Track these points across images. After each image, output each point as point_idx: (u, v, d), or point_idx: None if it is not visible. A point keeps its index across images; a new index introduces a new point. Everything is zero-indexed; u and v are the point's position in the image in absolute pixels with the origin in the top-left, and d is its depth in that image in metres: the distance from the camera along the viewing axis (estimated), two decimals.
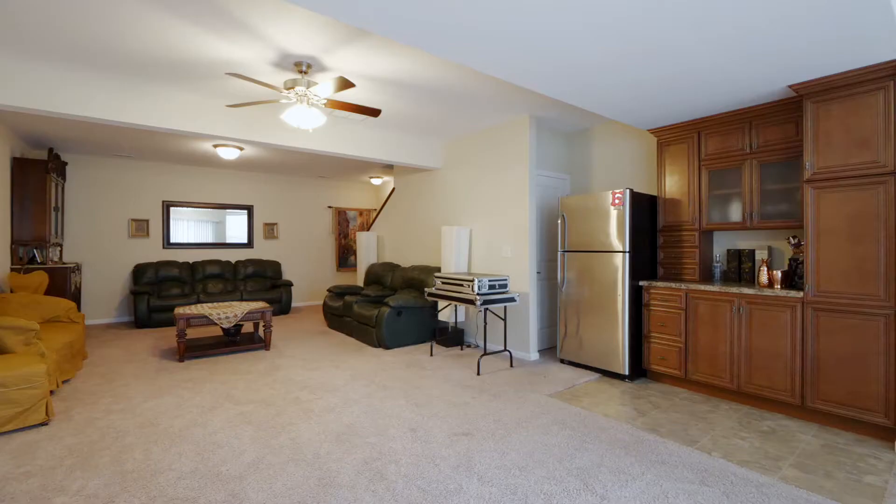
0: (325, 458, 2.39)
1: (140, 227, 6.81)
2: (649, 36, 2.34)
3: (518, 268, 4.62)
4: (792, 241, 3.33)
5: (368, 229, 7.70)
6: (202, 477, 2.20)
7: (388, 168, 7.61)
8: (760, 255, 3.64)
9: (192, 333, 5.77)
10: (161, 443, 2.58)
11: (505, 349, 4.33)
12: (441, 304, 5.26)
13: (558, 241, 4.31)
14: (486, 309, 4.21)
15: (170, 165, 7.06)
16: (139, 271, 6.46)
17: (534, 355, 4.52)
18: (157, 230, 6.97)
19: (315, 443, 2.58)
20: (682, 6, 2.02)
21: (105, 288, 6.57)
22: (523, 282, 4.55)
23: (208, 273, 7.00)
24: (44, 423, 2.84)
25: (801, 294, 2.93)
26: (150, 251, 6.92)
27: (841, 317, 2.78)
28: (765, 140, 3.37)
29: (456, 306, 5.18)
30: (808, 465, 2.34)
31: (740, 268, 3.70)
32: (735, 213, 3.59)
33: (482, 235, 5.10)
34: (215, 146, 5.71)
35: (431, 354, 4.64)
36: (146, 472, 2.25)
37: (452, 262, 5.15)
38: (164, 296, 6.27)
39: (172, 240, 7.10)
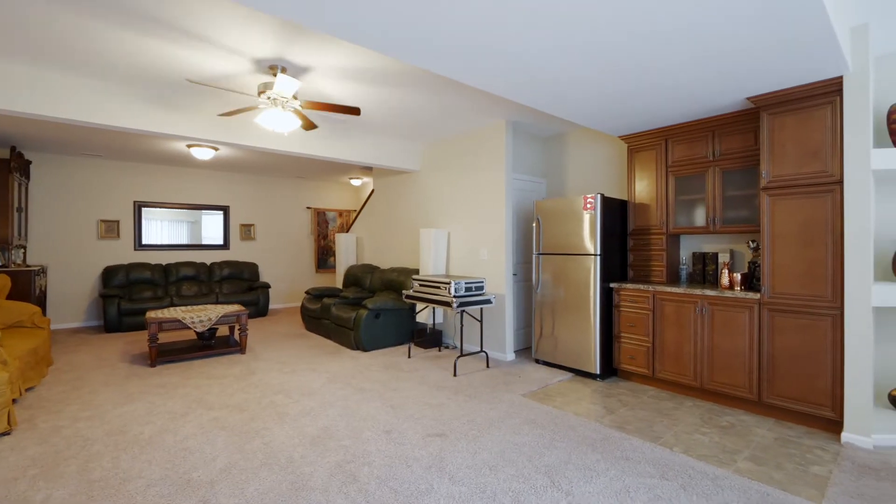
0: (299, 462, 2.41)
1: (110, 229, 6.63)
2: (620, 56, 2.45)
3: (495, 270, 4.70)
4: (751, 245, 3.50)
5: (348, 230, 7.68)
6: (172, 484, 2.19)
7: (368, 169, 7.60)
8: (723, 258, 3.81)
9: (165, 337, 5.65)
10: (130, 450, 2.55)
11: (481, 350, 4.40)
12: (419, 305, 5.30)
13: (533, 243, 4.41)
14: (463, 311, 4.27)
15: (141, 165, 6.89)
16: (109, 274, 6.28)
17: (510, 356, 4.61)
18: (128, 231, 6.80)
19: (289, 447, 2.59)
20: (651, 31, 2.12)
21: (72, 291, 6.37)
22: (500, 284, 4.63)
23: (182, 275, 6.86)
24: (6, 433, 2.76)
25: (758, 295, 3.09)
26: (121, 253, 6.74)
27: (793, 317, 2.94)
28: (727, 148, 3.53)
29: (434, 308, 5.23)
30: (761, 458, 2.48)
31: (705, 270, 3.86)
32: (700, 217, 3.75)
33: (460, 238, 5.16)
34: (189, 146, 5.62)
35: (409, 356, 4.68)
36: (114, 480, 2.23)
37: (431, 265, 5.20)
38: (136, 299, 6.12)
39: (144, 241, 6.93)
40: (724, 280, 3.44)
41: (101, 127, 3.67)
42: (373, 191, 6.93)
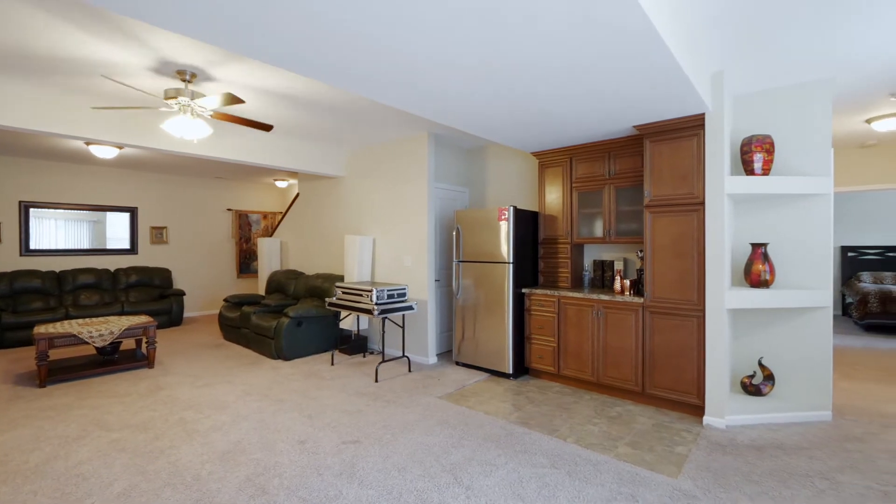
0: (206, 479, 2.37)
1: None
2: (522, 92, 2.71)
3: (418, 276, 4.85)
4: (639, 255, 3.97)
5: (272, 234, 7.43)
6: None
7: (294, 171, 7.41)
8: (618, 265, 4.27)
9: (58, 353, 5.13)
10: (11, 482, 2.35)
11: (403, 355, 4.53)
12: (343, 312, 5.31)
13: (454, 251, 4.62)
14: (385, 318, 4.36)
15: (29, 161, 6.16)
16: None
17: (432, 359, 4.78)
18: (11, 235, 6.05)
19: (196, 464, 2.54)
20: (547, 93, 2.37)
21: None
22: (423, 289, 4.79)
23: (80, 283, 6.25)
24: None
25: (642, 300, 3.53)
26: (3, 259, 5.98)
27: (669, 318, 3.40)
28: (620, 168, 3.97)
29: (358, 314, 5.26)
30: (639, 443, 2.86)
31: (604, 276, 4.30)
32: (598, 229, 4.17)
33: (385, 245, 5.25)
34: (88, 143, 5.15)
35: (333, 364, 4.69)
36: None
37: (356, 271, 5.23)
38: (22, 311, 5.49)
39: (33, 245, 6.21)
40: (617, 286, 3.87)
41: None
42: (298, 194, 6.79)
